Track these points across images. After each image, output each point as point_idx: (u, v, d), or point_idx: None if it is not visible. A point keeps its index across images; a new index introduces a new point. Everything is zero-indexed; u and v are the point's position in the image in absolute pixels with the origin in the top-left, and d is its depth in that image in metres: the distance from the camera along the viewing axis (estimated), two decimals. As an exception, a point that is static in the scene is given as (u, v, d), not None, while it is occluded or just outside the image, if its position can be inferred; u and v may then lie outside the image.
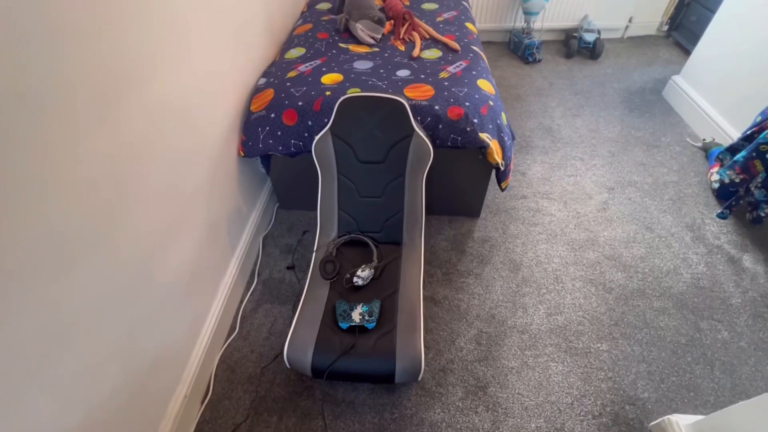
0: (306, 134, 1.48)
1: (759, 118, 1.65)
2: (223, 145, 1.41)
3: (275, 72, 1.64)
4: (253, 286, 1.59)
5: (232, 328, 1.46)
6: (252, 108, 1.52)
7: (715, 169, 1.83)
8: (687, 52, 2.81)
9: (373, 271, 1.33)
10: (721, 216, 1.72)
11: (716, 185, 1.79)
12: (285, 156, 1.56)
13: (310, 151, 1.44)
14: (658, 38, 3.13)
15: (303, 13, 2.19)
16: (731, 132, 1.98)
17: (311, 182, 1.55)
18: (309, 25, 1.98)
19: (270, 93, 1.52)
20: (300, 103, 1.47)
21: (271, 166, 1.66)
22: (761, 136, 1.55)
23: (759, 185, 1.60)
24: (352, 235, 1.47)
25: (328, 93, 1.47)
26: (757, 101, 1.84)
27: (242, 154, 1.52)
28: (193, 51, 1.19)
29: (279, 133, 1.48)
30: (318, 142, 1.37)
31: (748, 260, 1.61)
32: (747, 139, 1.70)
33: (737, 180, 1.67)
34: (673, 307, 1.48)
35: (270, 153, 1.53)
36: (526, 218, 1.81)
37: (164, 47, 1.06)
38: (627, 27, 3.11)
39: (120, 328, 0.94)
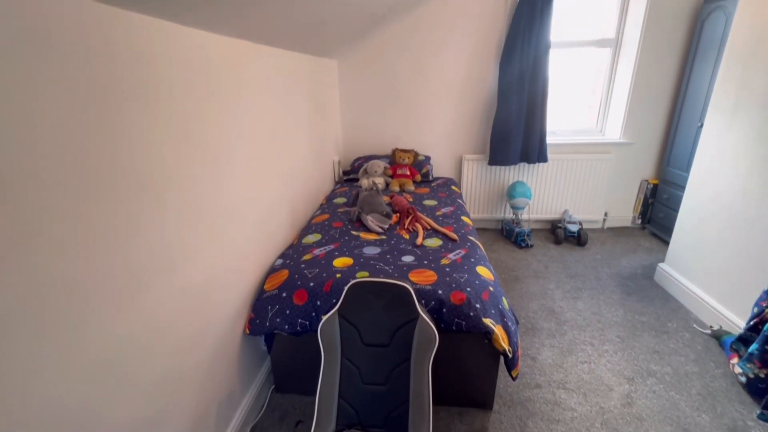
0: (313, 314, 1.52)
1: (756, 309, 1.69)
2: (231, 323, 1.43)
3: (292, 254, 1.81)
4: (228, 496, 1.32)
5: None
6: (265, 287, 1.61)
7: (734, 360, 1.75)
8: (665, 242, 3.10)
9: (373, 481, 1.13)
10: (763, 418, 1.54)
11: (743, 379, 1.67)
12: (289, 335, 1.55)
13: (316, 331, 1.44)
14: (635, 229, 3.51)
15: (322, 205, 2.57)
16: (734, 319, 1.99)
17: (312, 364, 1.49)
18: (326, 215, 2.30)
19: (285, 273, 1.64)
20: (311, 284, 1.56)
21: (273, 345, 1.64)
22: (766, 327, 1.55)
23: (788, 382, 1.50)
24: (352, 431, 1.31)
25: (338, 275, 1.59)
26: (747, 287, 1.91)
27: (248, 331, 1.53)
28: (223, 240, 1.36)
29: (288, 311, 1.52)
30: (325, 322, 1.39)
31: (819, 480, 1.35)
32: (752, 329, 1.70)
33: (762, 375, 1.57)
34: None
35: (275, 331, 1.53)
36: (544, 413, 1.63)
37: (198, 237, 1.22)
38: (604, 219, 3.53)
39: None
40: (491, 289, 1.55)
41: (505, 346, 1.42)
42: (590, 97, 3.46)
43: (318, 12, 1.68)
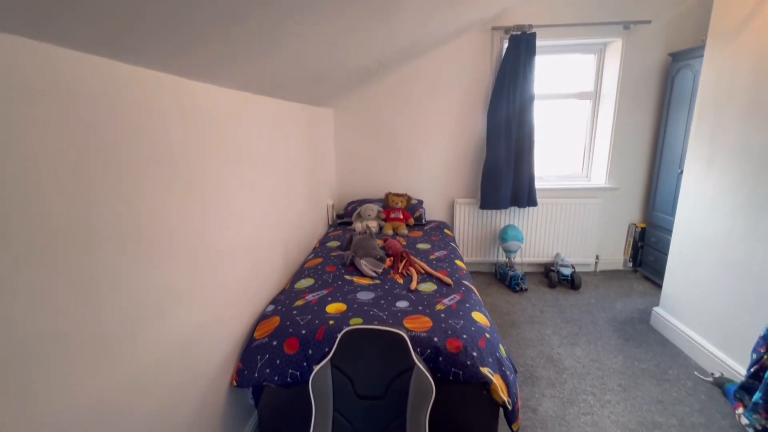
0: (305, 363, 1.46)
1: (755, 356, 1.67)
2: (217, 375, 1.36)
3: (284, 300, 1.77)
4: None
5: None
6: (255, 335, 1.56)
7: (740, 410, 1.70)
8: (658, 285, 3.10)
9: None
10: (777, 474, 1.47)
11: (751, 431, 1.61)
12: (278, 387, 1.48)
13: (306, 382, 1.37)
14: (627, 272, 3.52)
15: (315, 248, 2.56)
16: (734, 365, 1.95)
17: (301, 420, 1.41)
18: (320, 259, 2.28)
19: (276, 320, 1.59)
20: (303, 332, 1.52)
21: (261, 398, 1.55)
22: (767, 375, 1.52)
23: (797, 433, 1.44)
24: (343, 496, 1.21)
25: (331, 322, 1.55)
26: (743, 331, 1.90)
27: (235, 383, 1.45)
28: (214, 286, 1.33)
29: (278, 361, 1.46)
30: (317, 373, 1.33)
31: None
32: (754, 377, 1.66)
33: (770, 426, 1.52)
34: None
35: (264, 383, 1.46)
36: (548, 471, 1.53)
37: (189, 284, 1.19)
38: (596, 263, 3.55)
39: None
40: (488, 335, 1.52)
41: (505, 397, 1.37)
42: (575, 145, 3.62)
43: (315, 66, 1.78)
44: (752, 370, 1.67)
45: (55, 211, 0.72)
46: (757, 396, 1.57)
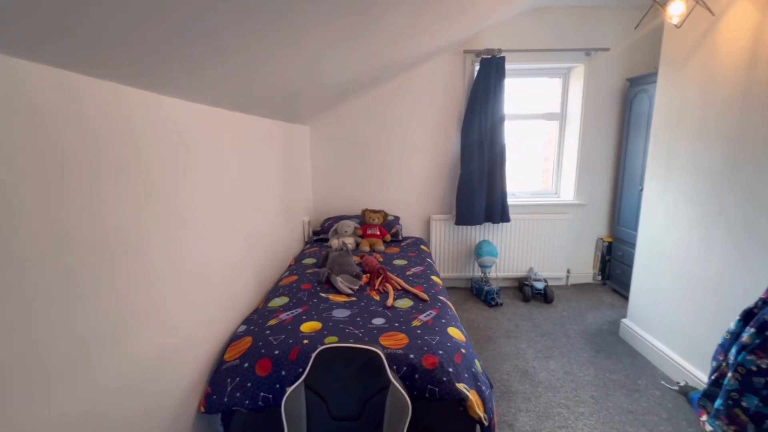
0: (277, 385, 1.41)
1: (714, 363, 1.74)
2: (184, 401, 1.29)
3: (257, 320, 1.71)
4: None
5: None
6: (226, 356, 1.50)
7: (704, 417, 1.75)
8: (625, 297, 3.22)
9: None
10: (740, 479, 1.51)
11: (715, 438, 1.67)
12: (250, 411, 1.42)
13: (279, 405, 1.32)
14: (597, 285, 3.64)
15: (290, 266, 2.51)
16: (698, 374, 2.04)
17: (275, 445, 1.35)
18: (294, 277, 2.24)
19: (248, 341, 1.54)
20: (276, 352, 1.47)
21: (231, 424, 1.48)
22: (725, 382, 1.59)
23: (757, 438, 1.51)
24: None
25: (305, 341, 1.51)
26: (704, 341, 1.98)
27: (202, 409, 1.38)
28: (183, 305, 1.28)
29: (249, 384, 1.41)
30: (290, 396, 1.29)
31: None
32: (714, 384, 1.73)
33: (731, 432, 1.58)
34: None
35: (234, 408, 1.39)
36: (526, 488, 1.52)
37: (155, 303, 1.14)
38: (568, 276, 3.66)
39: None
40: (463, 351, 1.52)
41: (481, 413, 1.37)
42: (544, 163, 3.77)
43: (291, 84, 1.79)
44: (713, 377, 1.74)
45: (15, 224, 0.68)
46: (718, 403, 1.63)
